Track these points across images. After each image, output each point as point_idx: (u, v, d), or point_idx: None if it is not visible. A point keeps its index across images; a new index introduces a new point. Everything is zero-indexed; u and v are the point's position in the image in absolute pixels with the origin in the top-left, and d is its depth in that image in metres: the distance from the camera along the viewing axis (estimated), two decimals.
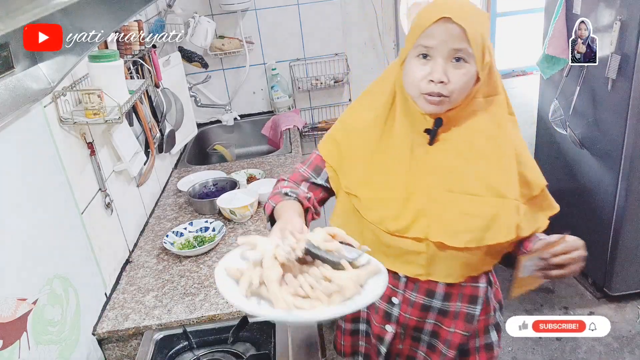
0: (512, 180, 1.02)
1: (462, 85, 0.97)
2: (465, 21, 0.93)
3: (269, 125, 2.63)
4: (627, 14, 2.09)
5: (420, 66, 0.97)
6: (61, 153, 1.24)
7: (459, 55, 0.95)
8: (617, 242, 2.42)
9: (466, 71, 0.96)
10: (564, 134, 2.58)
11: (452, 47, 0.94)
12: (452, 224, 1.02)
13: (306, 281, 0.81)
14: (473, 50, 0.94)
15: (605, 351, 2.31)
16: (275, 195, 1.11)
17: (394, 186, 1.05)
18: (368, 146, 1.08)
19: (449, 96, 0.97)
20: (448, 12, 0.94)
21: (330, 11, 2.68)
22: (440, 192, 1.03)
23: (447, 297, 1.10)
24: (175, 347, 1.26)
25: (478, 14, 0.98)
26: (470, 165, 1.02)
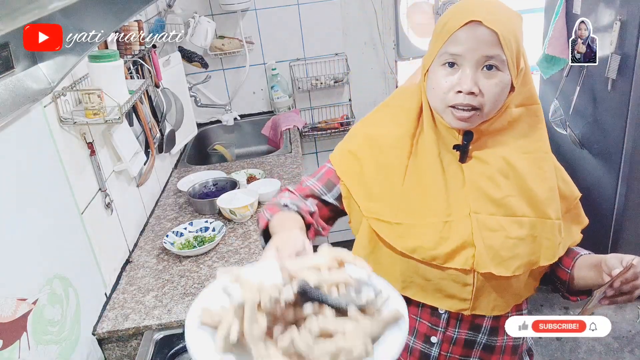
0: (555, 199, 0.95)
1: (495, 96, 0.86)
2: (498, 24, 0.83)
3: (269, 125, 2.63)
4: (627, 14, 2.09)
5: (446, 76, 0.87)
6: (61, 153, 1.24)
7: (490, 62, 0.84)
8: (617, 242, 2.41)
9: (499, 80, 0.85)
10: (564, 134, 2.58)
11: (483, 53, 0.84)
12: (499, 252, 0.90)
13: (301, 335, 0.61)
14: (507, 57, 0.84)
15: (605, 351, 2.31)
16: (273, 207, 0.96)
17: (430, 211, 0.92)
18: (398, 166, 0.95)
19: (480, 109, 0.86)
20: (478, 14, 0.83)
21: (330, 11, 2.68)
22: (483, 216, 0.91)
23: (493, 332, 0.99)
24: (175, 347, 1.26)
25: (511, 15, 0.87)
26: (510, 183, 0.91)
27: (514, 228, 0.91)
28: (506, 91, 0.88)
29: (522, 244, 0.91)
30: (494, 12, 0.85)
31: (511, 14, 0.88)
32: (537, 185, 0.92)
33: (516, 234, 0.91)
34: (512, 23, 0.86)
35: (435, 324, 0.99)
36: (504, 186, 0.91)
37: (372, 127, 1.01)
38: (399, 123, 0.97)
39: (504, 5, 0.89)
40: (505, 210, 0.91)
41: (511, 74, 0.87)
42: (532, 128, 0.94)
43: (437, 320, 0.98)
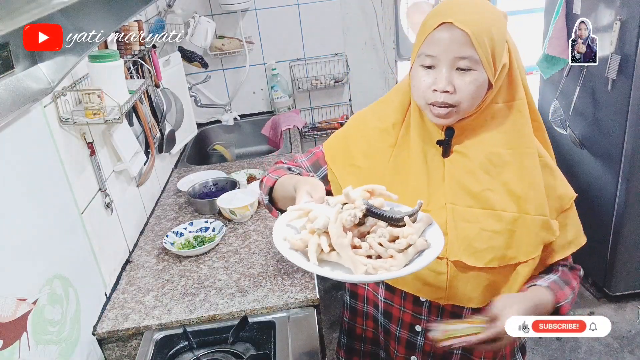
0: (537, 195, 0.94)
1: (471, 93, 0.89)
2: (470, 25, 0.86)
3: (269, 125, 2.64)
4: (627, 14, 2.09)
5: (425, 75, 0.91)
6: (61, 153, 1.24)
7: (464, 62, 0.88)
8: (617, 242, 2.42)
9: (473, 79, 0.89)
10: (564, 134, 2.58)
11: (455, 54, 0.87)
12: (472, 242, 0.94)
13: (373, 241, 0.81)
14: (480, 56, 0.87)
15: (605, 351, 2.31)
16: (277, 170, 1.07)
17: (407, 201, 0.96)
18: (381, 157, 1.02)
19: (456, 106, 0.90)
20: (450, 16, 0.87)
21: (330, 11, 2.68)
22: (460, 207, 0.96)
23: None
24: (175, 347, 1.26)
25: (488, 15, 0.89)
26: (490, 178, 0.94)
27: (490, 221, 0.94)
28: (482, 89, 0.91)
29: (498, 237, 0.93)
30: (467, 13, 0.88)
31: (489, 14, 0.90)
32: (517, 181, 0.94)
33: (492, 227, 0.93)
34: (487, 23, 0.88)
35: (418, 313, 1.04)
36: (483, 180, 0.94)
37: (364, 119, 1.08)
38: (387, 116, 1.04)
39: (483, 6, 0.91)
40: (482, 203, 0.94)
41: (487, 72, 0.89)
42: (516, 124, 0.95)
43: (419, 309, 1.03)
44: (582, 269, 1.06)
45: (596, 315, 0.91)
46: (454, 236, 0.95)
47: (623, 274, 2.49)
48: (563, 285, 0.99)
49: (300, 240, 0.83)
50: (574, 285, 1.01)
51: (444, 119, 0.92)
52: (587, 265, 2.72)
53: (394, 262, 0.79)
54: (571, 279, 1.02)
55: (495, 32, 0.88)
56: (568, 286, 1.00)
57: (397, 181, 1.00)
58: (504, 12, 0.94)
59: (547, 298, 0.95)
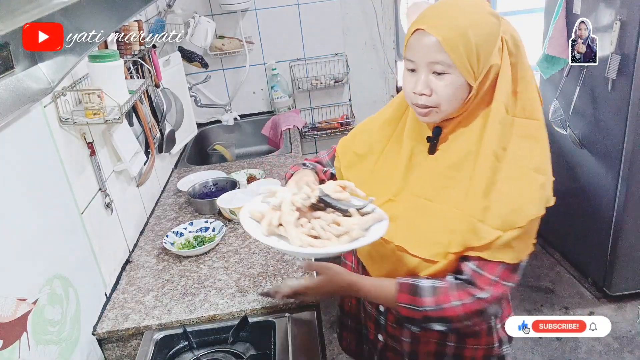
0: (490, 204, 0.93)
1: (449, 96, 0.93)
2: (442, 30, 0.89)
3: (269, 125, 2.64)
4: (627, 14, 2.09)
5: (409, 78, 0.97)
6: (61, 153, 1.24)
7: (439, 66, 0.91)
8: (617, 242, 2.42)
9: (449, 82, 0.92)
10: (564, 134, 2.58)
11: (429, 59, 0.91)
12: (417, 232, 0.99)
13: (318, 224, 0.93)
14: (453, 61, 0.89)
15: (605, 351, 2.31)
16: (296, 166, 1.21)
17: (383, 189, 1.06)
18: (377, 147, 1.11)
19: (437, 107, 0.95)
20: (422, 22, 0.92)
21: (330, 11, 2.68)
22: (420, 200, 1.01)
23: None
24: (175, 347, 1.26)
25: (461, 19, 0.91)
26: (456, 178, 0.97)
27: (440, 216, 0.98)
28: (461, 91, 0.93)
29: (443, 234, 0.97)
30: (440, 19, 0.91)
31: (467, 18, 0.91)
32: (478, 186, 0.94)
33: (440, 222, 0.98)
34: (461, 27, 0.90)
35: None
36: (450, 179, 0.99)
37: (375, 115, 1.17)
38: (389, 111, 1.12)
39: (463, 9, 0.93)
40: (441, 198, 0.99)
41: (464, 76, 0.91)
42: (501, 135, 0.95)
43: None
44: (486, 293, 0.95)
45: (596, 315, 0.91)
46: (402, 223, 1.01)
47: (623, 274, 2.49)
48: (424, 293, 0.96)
49: (260, 213, 0.98)
50: (441, 300, 0.95)
51: (426, 118, 0.98)
52: (587, 265, 2.73)
53: (328, 244, 0.89)
54: (443, 292, 0.96)
55: (473, 35, 0.90)
56: (433, 297, 0.96)
57: (382, 171, 1.09)
58: (494, 14, 0.94)
59: (387, 287, 1.01)
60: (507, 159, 0.94)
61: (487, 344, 1.10)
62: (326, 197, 0.96)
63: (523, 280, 2.80)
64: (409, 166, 1.04)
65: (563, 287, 2.74)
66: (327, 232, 0.91)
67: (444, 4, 0.95)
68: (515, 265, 0.96)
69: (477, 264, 0.95)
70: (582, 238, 2.69)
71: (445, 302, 0.95)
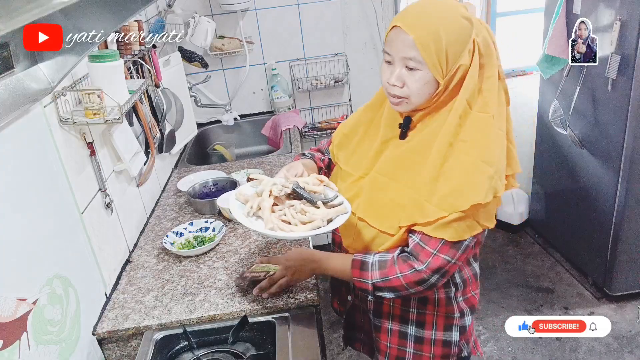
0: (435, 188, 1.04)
1: (417, 90, 1.03)
2: (416, 29, 0.99)
3: (269, 125, 2.64)
4: (627, 14, 2.09)
5: (385, 70, 1.07)
6: (61, 153, 1.24)
7: (411, 62, 1.01)
8: (617, 242, 2.42)
9: (419, 77, 1.02)
10: (564, 134, 2.58)
11: (402, 55, 1.01)
12: (375, 207, 1.13)
13: (289, 212, 1.08)
14: (424, 58, 0.99)
15: (605, 351, 2.31)
16: (297, 155, 1.36)
17: (358, 167, 1.20)
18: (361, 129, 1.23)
19: (407, 98, 1.05)
20: (400, 20, 1.01)
21: (330, 11, 2.68)
22: (383, 178, 1.14)
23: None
24: (175, 347, 1.26)
25: (435, 19, 0.99)
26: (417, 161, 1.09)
27: (399, 194, 1.10)
28: (430, 86, 1.03)
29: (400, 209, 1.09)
30: (416, 18, 1.01)
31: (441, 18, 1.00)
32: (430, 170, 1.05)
33: (397, 199, 1.10)
34: (433, 27, 0.98)
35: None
36: (411, 162, 1.10)
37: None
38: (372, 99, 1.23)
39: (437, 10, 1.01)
40: (402, 178, 1.10)
41: (433, 73, 1.00)
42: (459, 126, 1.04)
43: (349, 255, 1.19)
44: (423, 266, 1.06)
45: (596, 315, 0.91)
46: (366, 199, 1.15)
47: (623, 274, 2.49)
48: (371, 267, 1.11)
49: (244, 197, 1.14)
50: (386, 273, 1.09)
51: (398, 107, 1.09)
52: (587, 265, 2.73)
53: (294, 229, 1.04)
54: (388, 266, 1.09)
55: (445, 36, 0.98)
56: (378, 270, 1.10)
57: (360, 151, 1.21)
58: (467, 17, 1.01)
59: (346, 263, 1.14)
60: (461, 149, 1.04)
61: (447, 312, 1.20)
62: (299, 189, 1.10)
63: (523, 280, 2.81)
64: (380, 148, 1.16)
65: (563, 287, 2.74)
66: (295, 219, 1.06)
67: (422, 5, 1.04)
68: (455, 243, 1.05)
69: (421, 238, 1.07)
70: (582, 238, 2.69)
71: (390, 274, 1.09)
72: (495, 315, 2.56)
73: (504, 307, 2.63)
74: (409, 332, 1.23)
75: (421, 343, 1.23)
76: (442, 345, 1.23)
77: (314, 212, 1.07)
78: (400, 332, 1.24)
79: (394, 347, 1.25)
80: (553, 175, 2.89)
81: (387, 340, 1.26)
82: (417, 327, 1.22)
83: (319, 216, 1.06)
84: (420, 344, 1.23)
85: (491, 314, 2.57)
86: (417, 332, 1.22)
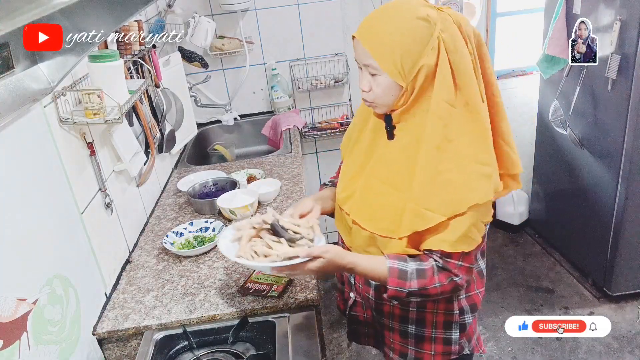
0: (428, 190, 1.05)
1: (382, 94, 1.06)
2: (369, 40, 1.03)
3: (269, 125, 2.63)
4: (627, 14, 2.09)
5: (359, 75, 1.11)
6: (61, 153, 1.24)
7: (370, 69, 1.05)
8: (617, 242, 2.42)
9: (380, 82, 1.05)
10: (564, 134, 2.58)
11: (364, 62, 1.06)
12: (370, 210, 1.14)
13: (260, 243, 1.15)
14: (380, 65, 1.02)
15: (605, 351, 2.31)
16: (321, 186, 1.41)
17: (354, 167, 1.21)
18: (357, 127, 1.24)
19: (374, 102, 1.09)
20: (357, 31, 1.06)
21: (330, 11, 2.68)
22: (374, 180, 1.15)
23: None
24: (175, 347, 1.26)
25: (388, 26, 1.01)
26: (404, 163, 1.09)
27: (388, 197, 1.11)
28: (392, 89, 1.05)
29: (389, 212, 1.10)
30: (370, 27, 1.04)
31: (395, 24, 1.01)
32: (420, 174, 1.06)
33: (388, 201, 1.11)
34: (386, 34, 1.01)
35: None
36: (399, 163, 1.10)
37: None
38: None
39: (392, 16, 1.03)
40: (391, 180, 1.11)
41: (394, 78, 1.02)
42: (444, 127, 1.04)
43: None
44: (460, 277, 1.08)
45: (596, 315, 0.91)
46: (358, 200, 1.17)
47: (623, 274, 2.49)
48: (410, 276, 1.07)
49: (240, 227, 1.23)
50: (426, 283, 1.07)
51: (374, 110, 1.12)
52: (587, 265, 2.73)
53: (256, 259, 1.12)
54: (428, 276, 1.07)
55: (398, 41, 1.00)
56: (417, 280, 1.07)
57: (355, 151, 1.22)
58: (424, 17, 1.00)
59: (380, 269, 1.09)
60: (451, 151, 1.04)
61: (446, 309, 1.21)
62: (275, 225, 1.18)
63: (523, 280, 2.81)
64: (370, 149, 1.17)
65: (563, 287, 2.74)
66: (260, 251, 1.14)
67: (376, 13, 1.06)
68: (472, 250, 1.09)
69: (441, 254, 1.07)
70: (582, 238, 2.68)
71: (429, 284, 1.07)
72: (495, 315, 2.56)
73: (504, 307, 2.63)
74: (409, 331, 1.24)
75: (422, 341, 1.24)
76: (443, 343, 1.24)
77: (276, 247, 1.14)
78: (401, 331, 1.25)
79: (396, 343, 1.28)
80: (553, 175, 2.89)
81: (390, 336, 1.28)
82: (417, 325, 1.23)
83: (276, 252, 1.12)
84: (422, 342, 1.24)
85: (491, 314, 2.57)
86: (418, 330, 1.23)
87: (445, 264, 1.07)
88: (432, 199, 1.04)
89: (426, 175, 1.05)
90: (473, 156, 1.04)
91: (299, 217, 1.24)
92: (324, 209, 1.33)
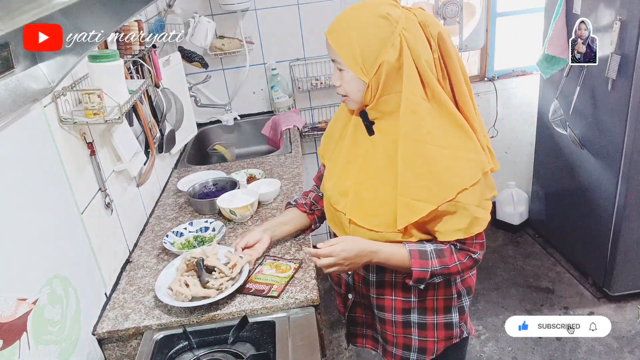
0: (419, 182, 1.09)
1: (349, 88, 1.12)
2: (334, 37, 1.08)
3: (269, 125, 2.64)
4: (627, 14, 2.09)
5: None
6: (61, 153, 1.24)
7: (337, 64, 1.11)
8: (617, 242, 2.42)
9: (346, 77, 1.11)
10: (564, 134, 2.58)
11: (333, 58, 1.12)
12: (364, 206, 1.17)
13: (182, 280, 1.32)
14: (343, 60, 1.08)
15: (605, 351, 2.31)
16: (286, 205, 1.50)
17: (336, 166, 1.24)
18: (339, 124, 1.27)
19: (347, 96, 1.14)
20: (328, 29, 1.11)
21: (330, 11, 2.68)
22: (363, 177, 1.17)
23: (380, 270, 1.24)
24: (175, 347, 1.26)
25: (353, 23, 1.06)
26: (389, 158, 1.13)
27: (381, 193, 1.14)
28: (357, 84, 1.10)
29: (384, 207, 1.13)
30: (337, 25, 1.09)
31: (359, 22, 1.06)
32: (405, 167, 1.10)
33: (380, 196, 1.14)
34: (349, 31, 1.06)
35: None
36: (384, 159, 1.14)
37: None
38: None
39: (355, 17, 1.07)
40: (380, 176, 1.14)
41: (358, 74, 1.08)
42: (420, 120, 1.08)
43: None
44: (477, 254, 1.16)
45: (596, 315, 0.91)
46: (352, 197, 1.18)
47: (623, 274, 2.49)
48: (430, 256, 1.13)
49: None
50: (446, 262, 1.14)
51: (347, 105, 1.18)
52: (587, 265, 2.73)
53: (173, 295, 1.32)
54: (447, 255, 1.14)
55: (358, 38, 1.05)
56: (437, 259, 1.13)
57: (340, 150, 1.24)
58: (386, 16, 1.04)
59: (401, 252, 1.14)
60: (431, 142, 1.08)
61: (446, 295, 1.26)
62: (198, 265, 1.34)
63: (523, 280, 2.81)
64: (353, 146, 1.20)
65: (563, 287, 2.74)
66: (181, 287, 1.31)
67: (344, 12, 1.11)
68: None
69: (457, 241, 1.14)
70: (582, 238, 2.69)
71: (450, 263, 1.14)
72: (495, 315, 2.56)
73: (504, 307, 2.63)
74: (412, 320, 1.28)
75: (425, 329, 1.28)
76: (444, 328, 1.29)
77: (191, 287, 1.31)
78: (404, 322, 1.28)
79: (400, 336, 1.31)
80: (553, 175, 2.89)
81: (392, 331, 1.31)
82: (419, 314, 1.27)
83: (185, 292, 1.29)
84: (424, 329, 1.28)
85: (491, 314, 2.57)
86: (420, 319, 1.27)
87: (462, 245, 1.15)
88: (420, 190, 1.09)
89: (410, 168, 1.09)
90: (454, 144, 1.09)
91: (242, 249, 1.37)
92: (276, 237, 1.46)
